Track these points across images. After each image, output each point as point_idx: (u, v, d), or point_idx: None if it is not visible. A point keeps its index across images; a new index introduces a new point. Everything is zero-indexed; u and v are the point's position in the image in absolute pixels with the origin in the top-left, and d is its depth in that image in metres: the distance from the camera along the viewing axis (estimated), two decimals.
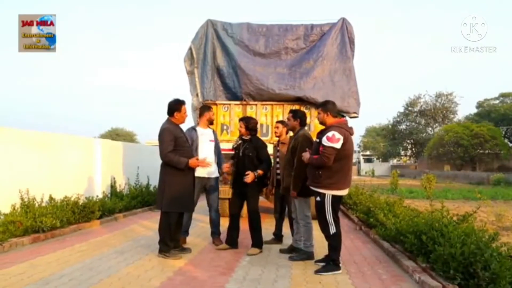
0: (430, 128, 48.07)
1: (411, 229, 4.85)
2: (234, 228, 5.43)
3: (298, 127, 5.06)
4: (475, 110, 47.90)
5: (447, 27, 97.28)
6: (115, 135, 49.15)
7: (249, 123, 5.25)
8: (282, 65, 7.69)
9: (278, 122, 5.86)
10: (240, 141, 5.36)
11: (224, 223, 5.76)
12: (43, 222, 5.86)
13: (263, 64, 7.69)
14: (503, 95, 45.72)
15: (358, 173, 47.85)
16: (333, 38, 7.67)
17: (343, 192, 4.52)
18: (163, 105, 5.18)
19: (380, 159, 60.05)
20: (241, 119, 5.45)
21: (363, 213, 7.54)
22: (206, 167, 5.18)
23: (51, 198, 6.96)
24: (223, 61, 7.86)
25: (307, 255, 4.92)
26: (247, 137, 5.28)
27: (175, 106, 4.95)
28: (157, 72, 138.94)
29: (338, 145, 4.24)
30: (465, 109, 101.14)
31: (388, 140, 52.50)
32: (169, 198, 4.79)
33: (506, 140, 40.03)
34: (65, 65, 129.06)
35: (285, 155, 5.21)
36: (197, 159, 4.99)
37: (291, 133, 5.41)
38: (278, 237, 5.91)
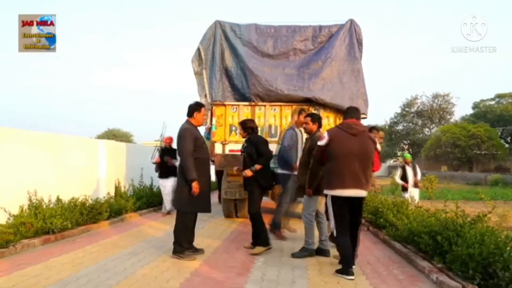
0: (427, 129, 48.33)
1: (425, 229, 4.87)
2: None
3: (315, 130, 5.19)
4: (471, 111, 48.21)
5: (447, 27, 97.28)
6: (112, 135, 48.81)
7: (244, 124, 5.53)
8: (291, 66, 7.67)
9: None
10: (245, 144, 5.56)
11: (229, 224, 5.76)
12: (53, 224, 5.83)
13: (272, 65, 7.68)
14: (499, 96, 46.01)
15: None
16: (342, 39, 7.67)
17: (339, 193, 4.24)
18: (162, 106, 5.28)
19: None
20: (239, 123, 5.74)
21: (370, 213, 7.53)
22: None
23: (58, 199, 6.93)
24: (231, 62, 7.83)
25: (309, 253, 5.04)
26: (247, 137, 5.48)
27: (196, 107, 5.07)
28: (156, 73, 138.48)
29: (322, 143, 4.36)
30: (461, 110, 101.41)
31: (385, 141, 52.68)
32: (188, 199, 4.80)
33: (502, 141, 40.33)
34: (65, 65, 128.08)
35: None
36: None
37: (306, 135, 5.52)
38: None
